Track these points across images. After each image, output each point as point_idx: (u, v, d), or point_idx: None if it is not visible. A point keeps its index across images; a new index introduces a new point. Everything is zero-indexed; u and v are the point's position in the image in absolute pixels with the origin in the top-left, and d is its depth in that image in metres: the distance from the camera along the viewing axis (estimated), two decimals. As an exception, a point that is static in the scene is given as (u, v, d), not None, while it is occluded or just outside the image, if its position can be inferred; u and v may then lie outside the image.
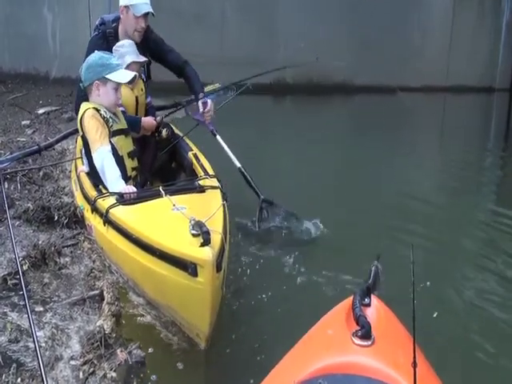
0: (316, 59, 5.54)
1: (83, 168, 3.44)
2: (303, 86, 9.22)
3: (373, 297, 1.71)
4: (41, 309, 2.69)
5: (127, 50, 3.76)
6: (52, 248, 3.12)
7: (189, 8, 8.60)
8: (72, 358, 2.35)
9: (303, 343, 1.68)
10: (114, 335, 2.43)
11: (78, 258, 3.21)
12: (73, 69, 6.11)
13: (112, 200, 2.95)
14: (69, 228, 3.49)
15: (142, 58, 3.82)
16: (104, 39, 3.91)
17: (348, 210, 4.35)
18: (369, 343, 1.51)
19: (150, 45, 4.03)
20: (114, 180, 3.11)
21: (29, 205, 3.64)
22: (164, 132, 3.94)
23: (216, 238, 2.39)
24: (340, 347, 1.53)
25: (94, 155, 3.17)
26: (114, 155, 3.19)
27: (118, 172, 3.14)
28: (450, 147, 7.24)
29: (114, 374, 2.23)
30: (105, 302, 2.67)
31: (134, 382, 2.26)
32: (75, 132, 3.95)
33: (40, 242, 3.18)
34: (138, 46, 3.86)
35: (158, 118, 4.00)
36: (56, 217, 3.51)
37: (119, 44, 3.81)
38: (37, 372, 2.19)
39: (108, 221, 2.90)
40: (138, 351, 2.35)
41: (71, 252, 3.25)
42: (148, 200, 2.90)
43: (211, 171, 3.49)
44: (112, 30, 3.92)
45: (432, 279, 3.03)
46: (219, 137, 4.13)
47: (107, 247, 3.06)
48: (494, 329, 2.91)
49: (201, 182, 3.21)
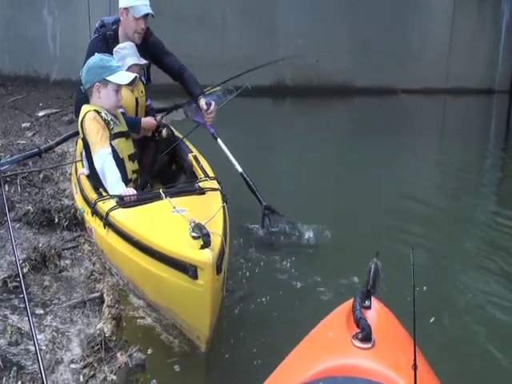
0: (316, 61, 5.54)
1: (83, 170, 3.44)
2: (303, 88, 9.23)
3: (373, 299, 1.71)
4: (41, 311, 2.69)
5: (128, 52, 3.76)
6: (52, 250, 3.13)
7: (190, 11, 8.62)
8: (72, 361, 2.35)
9: (303, 346, 1.68)
10: (115, 338, 2.43)
11: (79, 261, 3.22)
12: (73, 71, 6.14)
13: (112, 203, 2.95)
14: (69, 230, 3.49)
15: (143, 61, 3.83)
16: (104, 41, 3.91)
17: (348, 213, 4.36)
18: (369, 346, 1.51)
19: (150, 47, 4.03)
20: (115, 182, 3.10)
21: (29, 207, 3.65)
22: (164, 132, 3.93)
23: (216, 240, 2.39)
24: (340, 350, 1.53)
25: (95, 157, 3.17)
26: (115, 158, 3.19)
27: (119, 174, 3.14)
28: (450, 149, 7.25)
29: (115, 377, 2.23)
30: (105, 305, 2.67)
31: (135, 385, 2.26)
32: (75, 134, 3.95)
33: (40, 245, 3.19)
34: (138, 48, 3.86)
35: (158, 118, 4.00)
36: (56, 219, 3.52)
37: (120, 46, 3.81)
38: (37, 375, 2.19)
39: (108, 223, 2.90)
40: (139, 354, 2.35)
41: (71, 254, 3.26)
42: (148, 202, 2.89)
43: (211, 173, 3.49)
44: (112, 32, 3.92)
45: (432, 281, 3.04)
46: (220, 140, 4.11)
47: (107, 250, 3.06)
48: (495, 330, 2.91)
49: (201, 184, 3.21)
